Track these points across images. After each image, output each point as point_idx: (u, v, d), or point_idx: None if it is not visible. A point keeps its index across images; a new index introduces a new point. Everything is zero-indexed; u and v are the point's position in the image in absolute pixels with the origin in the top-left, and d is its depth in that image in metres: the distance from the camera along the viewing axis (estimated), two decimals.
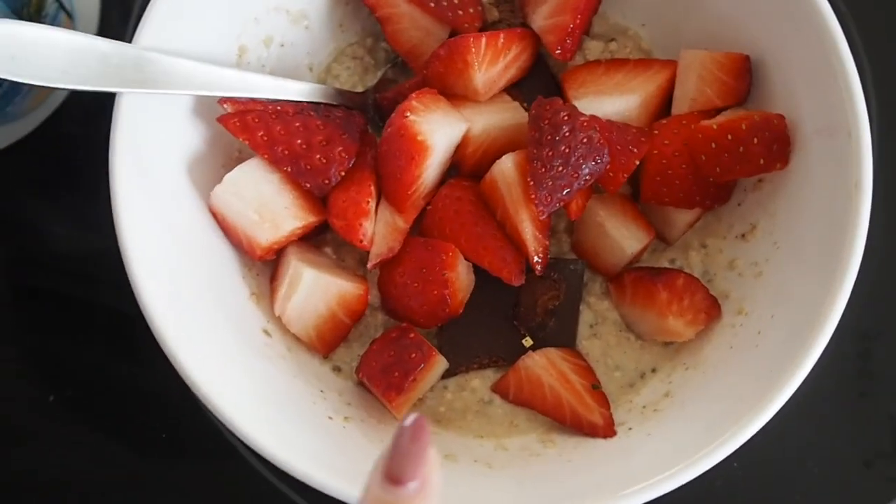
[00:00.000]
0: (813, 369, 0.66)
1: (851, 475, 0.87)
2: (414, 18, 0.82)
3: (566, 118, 0.72)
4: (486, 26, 0.84)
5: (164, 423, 0.89)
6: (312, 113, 0.77)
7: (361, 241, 0.75)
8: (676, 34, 0.84)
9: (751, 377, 0.69)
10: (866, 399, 0.88)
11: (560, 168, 0.72)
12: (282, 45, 0.83)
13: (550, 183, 0.72)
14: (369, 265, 0.76)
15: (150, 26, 0.71)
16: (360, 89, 0.86)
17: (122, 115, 0.69)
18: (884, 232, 0.87)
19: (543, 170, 0.72)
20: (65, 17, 0.87)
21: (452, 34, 0.83)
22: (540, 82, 0.84)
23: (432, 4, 0.81)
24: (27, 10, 0.80)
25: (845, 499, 0.87)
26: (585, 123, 0.72)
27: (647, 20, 0.86)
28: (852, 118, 0.68)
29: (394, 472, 0.45)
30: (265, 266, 0.80)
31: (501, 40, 0.78)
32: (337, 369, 0.80)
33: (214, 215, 0.76)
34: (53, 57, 0.65)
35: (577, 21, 0.79)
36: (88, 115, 0.91)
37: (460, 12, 0.82)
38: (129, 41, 0.89)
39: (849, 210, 0.67)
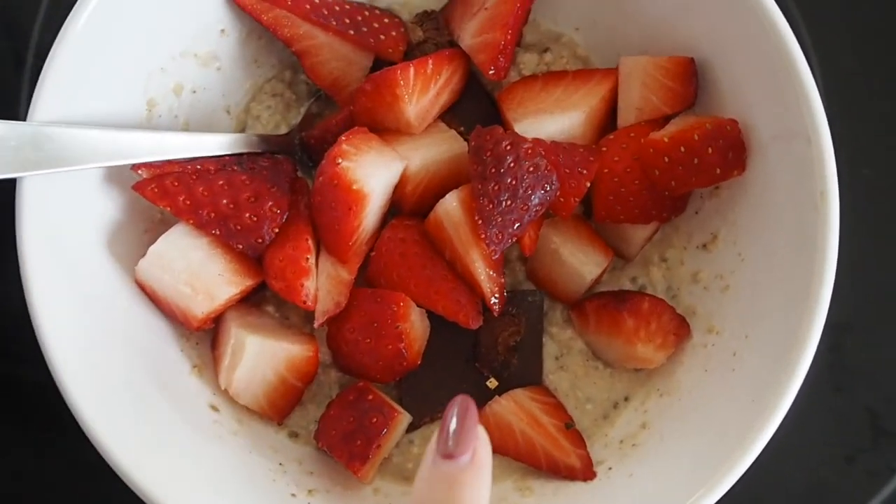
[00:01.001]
0: None
1: (833, 472, 0.85)
2: (334, 49, 0.76)
3: (509, 147, 0.68)
4: (411, 48, 0.79)
5: None
6: (236, 167, 0.71)
7: (305, 302, 0.70)
8: (614, 37, 0.79)
9: (731, 406, 0.66)
10: (842, 393, 0.86)
11: (508, 202, 0.67)
12: (194, 92, 0.76)
13: (500, 219, 0.67)
14: (316, 324, 0.71)
15: (45, 98, 0.64)
16: (283, 129, 0.81)
17: (25, 198, 0.63)
18: (849, 219, 0.84)
19: (491, 206, 0.67)
20: None
21: (376, 60, 0.78)
22: (475, 103, 0.79)
23: (352, 32, 0.76)
24: None
25: (828, 497, 0.85)
26: (530, 150, 0.68)
27: (581, 24, 0.81)
28: (810, 123, 0.65)
29: (445, 448, 0.50)
30: (205, 333, 0.74)
31: (430, 66, 0.73)
32: (294, 435, 0.75)
33: (142, 288, 0.70)
34: None
35: (508, 37, 0.74)
36: None
37: (382, 37, 0.77)
38: (26, 95, 0.83)
39: (816, 223, 0.64)
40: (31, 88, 0.88)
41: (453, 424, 0.50)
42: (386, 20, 0.78)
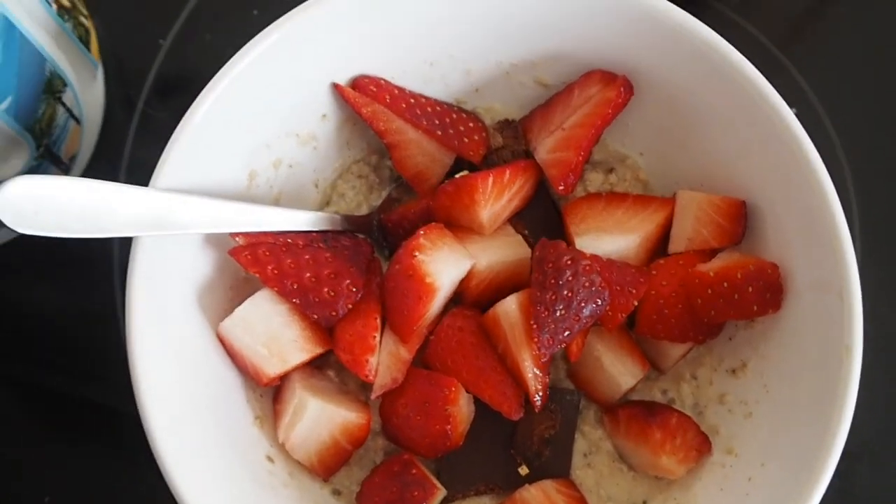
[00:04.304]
0: None
1: None
2: (421, 145, 0.84)
3: (569, 262, 0.75)
4: (490, 152, 0.87)
5: None
6: (321, 244, 0.78)
7: (367, 376, 0.77)
8: (674, 166, 0.86)
9: None
10: None
11: (563, 311, 0.74)
12: (290, 167, 0.84)
13: (553, 326, 0.74)
14: (373, 395, 0.78)
15: (167, 169, 0.72)
16: (364, 208, 0.88)
17: (139, 252, 0.71)
18: (869, 355, 0.90)
19: (546, 313, 0.74)
20: (73, 124, 0.88)
21: (458, 159, 0.85)
22: (541, 209, 0.87)
23: (440, 132, 0.83)
24: (39, 125, 0.81)
25: None
26: (587, 267, 0.75)
27: (645, 150, 0.88)
28: (844, 280, 0.71)
29: None
30: (269, 388, 0.81)
31: (507, 176, 0.80)
32: (337, 493, 0.82)
33: (222, 342, 0.78)
34: (73, 208, 0.66)
35: (580, 157, 0.82)
36: None
37: (466, 140, 0.85)
38: (131, 139, 0.91)
39: (839, 375, 0.69)
40: (137, 131, 0.99)
41: None
42: (471, 124, 0.86)
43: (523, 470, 0.81)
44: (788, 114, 0.75)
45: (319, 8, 0.75)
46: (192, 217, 0.72)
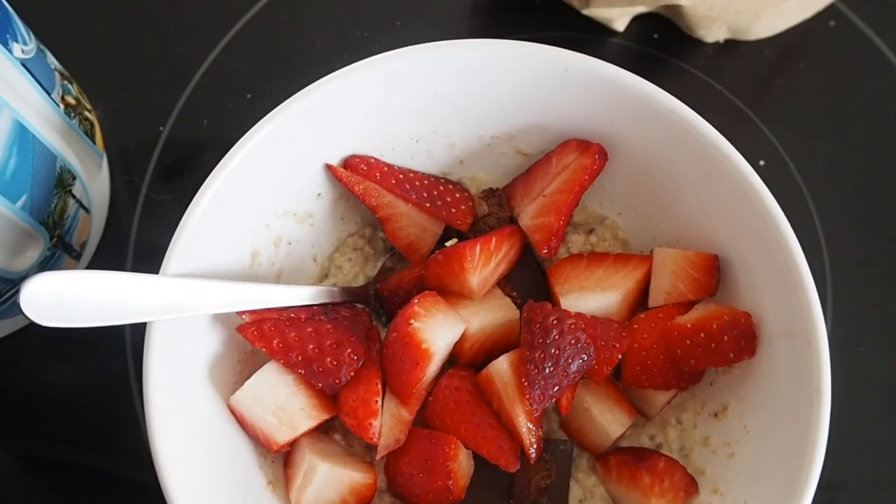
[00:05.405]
0: None
1: None
2: (412, 217, 0.89)
3: (555, 322, 0.80)
4: (476, 219, 0.92)
5: None
6: (322, 317, 0.83)
7: (372, 438, 0.82)
8: (650, 224, 0.92)
9: None
10: None
11: (551, 368, 0.79)
12: (289, 244, 0.90)
13: (543, 382, 0.79)
14: (378, 456, 0.83)
15: (175, 256, 0.76)
16: (360, 279, 0.94)
17: (154, 335, 0.75)
18: (841, 382, 0.95)
19: (536, 371, 0.79)
20: (83, 214, 0.94)
21: (447, 228, 0.91)
22: (527, 271, 0.92)
23: (429, 204, 0.89)
24: (52, 218, 0.86)
25: None
26: (573, 326, 0.80)
27: (623, 210, 0.94)
28: (811, 326, 0.75)
29: None
30: (279, 453, 0.86)
31: (493, 243, 0.86)
32: None
33: (234, 413, 0.82)
34: (92, 300, 0.72)
35: (561, 222, 0.87)
36: None
37: (454, 210, 0.90)
38: (137, 222, 0.97)
39: (810, 415, 0.74)
40: (142, 215, 1.04)
41: None
42: (457, 195, 0.92)
43: None
44: (750, 171, 0.80)
45: (311, 97, 0.80)
46: (201, 300, 0.77)
